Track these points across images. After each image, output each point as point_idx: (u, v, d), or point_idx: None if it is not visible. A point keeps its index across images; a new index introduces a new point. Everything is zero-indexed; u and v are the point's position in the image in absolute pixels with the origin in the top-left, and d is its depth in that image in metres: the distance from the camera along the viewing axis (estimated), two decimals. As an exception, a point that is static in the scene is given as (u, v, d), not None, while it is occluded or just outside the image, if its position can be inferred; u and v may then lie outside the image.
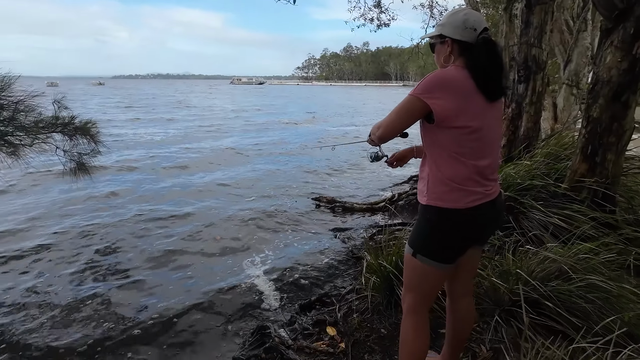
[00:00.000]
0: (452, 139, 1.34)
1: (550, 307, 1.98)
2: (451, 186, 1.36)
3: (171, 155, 9.87)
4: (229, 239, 4.46)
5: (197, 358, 2.49)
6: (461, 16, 1.38)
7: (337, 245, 4.20)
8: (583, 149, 2.98)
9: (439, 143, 1.38)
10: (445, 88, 1.31)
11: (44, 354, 2.47)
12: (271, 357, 2.29)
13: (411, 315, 1.53)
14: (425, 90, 1.31)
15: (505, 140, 4.72)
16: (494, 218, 1.47)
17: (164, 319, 2.87)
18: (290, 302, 3.10)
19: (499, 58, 1.35)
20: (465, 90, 1.31)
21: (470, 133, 1.34)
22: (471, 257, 1.55)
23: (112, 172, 7.73)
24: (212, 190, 6.57)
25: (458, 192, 1.36)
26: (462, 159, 1.35)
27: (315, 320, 2.65)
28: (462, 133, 1.33)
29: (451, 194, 1.36)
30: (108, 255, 3.95)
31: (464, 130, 1.33)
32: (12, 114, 2.06)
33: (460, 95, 1.31)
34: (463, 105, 1.31)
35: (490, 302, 2.26)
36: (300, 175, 7.88)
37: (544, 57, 4.20)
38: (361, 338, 2.30)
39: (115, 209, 5.41)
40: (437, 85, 1.31)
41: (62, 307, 3.00)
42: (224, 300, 3.15)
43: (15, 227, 4.63)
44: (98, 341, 2.61)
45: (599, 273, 1.99)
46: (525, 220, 3.13)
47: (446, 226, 1.40)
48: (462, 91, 1.31)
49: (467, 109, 1.31)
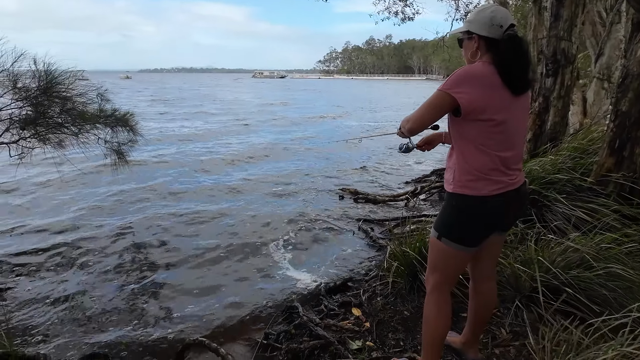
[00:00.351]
0: (478, 131, 1.44)
1: (571, 293, 2.05)
2: (477, 175, 1.46)
3: (211, 149, 9.96)
4: (259, 225, 4.69)
5: (232, 332, 2.69)
6: (488, 13, 1.45)
7: (360, 234, 4.33)
8: (610, 143, 2.98)
9: (466, 135, 1.47)
10: (472, 83, 1.40)
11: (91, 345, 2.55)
12: (300, 332, 2.46)
13: (435, 293, 1.65)
14: (453, 85, 1.41)
15: (531, 135, 4.70)
16: (518, 206, 1.57)
17: (201, 300, 3.10)
18: (315, 286, 3.26)
19: (525, 53, 1.43)
20: (492, 84, 1.40)
21: (495, 126, 1.43)
22: (494, 243, 1.65)
23: (152, 166, 7.87)
24: (247, 185, 6.75)
25: (483, 181, 1.46)
26: (488, 151, 1.45)
27: (340, 302, 2.81)
28: (488, 126, 1.43)
29: (477, 182, 1.46)
30: (150, 248, 4.11)
31: (490, 123, 1.42)
32: (72, 106, 2.28)
33: (487, 90, 1.40)
34: (489, 99, 1.40)
35: (512, 289, 2.35)
36: (327, 167, 8.07)
37: (573, 50, 4.16)
38: (385, 318, 2.43)
39: (154, 202, 5.65)
40: (465, 80, 1.41)
41: (106, 299, 3.09)
42: (253, 284, 3.35)
43: (50, 222, 4.81)
44: (140, 318, 2.86)
45: (621, 262, 2.04)
46: (549, 213, 3.16)
47: (471, 212, 1.51)
48: (488, 85, 1.40)
49: (493, 103, 1.40)
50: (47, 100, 2.13)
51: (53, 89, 2.12)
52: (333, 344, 2.20)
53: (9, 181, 6.25)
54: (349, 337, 2.29)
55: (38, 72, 2.11)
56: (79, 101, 2.32)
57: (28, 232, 4.44)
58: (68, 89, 2.23)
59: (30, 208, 5.33)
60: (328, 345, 2.21)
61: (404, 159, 8.59)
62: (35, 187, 6.30)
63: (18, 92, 2.08)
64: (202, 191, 6.36)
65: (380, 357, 2.01)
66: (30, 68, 2.07)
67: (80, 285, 3.30)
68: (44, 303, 3.01)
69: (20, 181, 6.40)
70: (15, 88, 2.08)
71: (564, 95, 4.33)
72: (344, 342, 2.23)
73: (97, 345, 2.50)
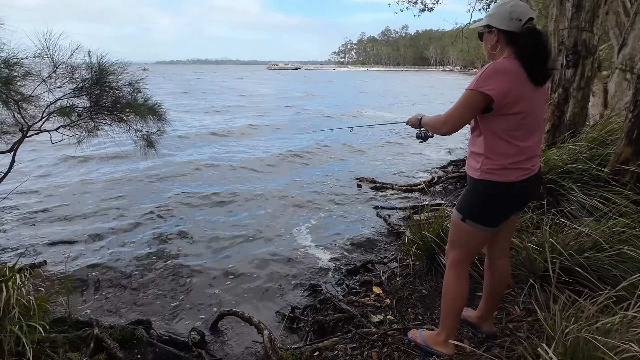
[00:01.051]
0: (505, 124, 1.54)
1: (582, 274, 2.17)
2: (504, 164, 1.58)
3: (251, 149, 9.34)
4: (291, 206, 5.00)
5: (262, 306, 2.91)
6: (508, 8, 1.55)
7: (379, 221, 4.49)
8: (628, 133, 3.04)
9: (493, 129, 1.57)
10: (501, 78, 1.50)
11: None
12: (325, 307, 2.66)
13: (454, 267, 1.80)
14: (483, 83, 1.50)
15: (550, 126, 4.73)
16: (536, 188, 1.71)
17: (232, 277, 3.35)
18: (337, 268, 3.45)
19: (544, 45, 1.53)
20: (518, 78, 1.51)
21: (523, 118, 1.53)
22: (510, 222, 1.79)
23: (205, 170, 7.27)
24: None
25: (510, 169, 1.58)
26: (513, 142, 1.56)
27: (361, 281, 2.99)
28: (516, 119, 1.53)
29: (504, 170, 1.58)
30: (187, 231, 4.33)
31: (518, 116, 1.52)
32: (117, 96, 2.50)
33: (514, 83, 1.50)
34: (517, 91, 1.50)
35: (526, 271, 2.48)
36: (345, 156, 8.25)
37: (594, 41, 4.17)
38: (404, 296, 2.60)
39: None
40: (494, 75, 1.50)
41: (145, 274, 3.37)
42: (279, 265, 3.56)
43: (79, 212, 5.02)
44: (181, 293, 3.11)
45: (632, 245, 2.14)
46: (565, 201, 3.25)
47: (498, 197, 1.63)
48: (515, 79, 1.50)
49: (521, 95, 1.50)
50: (99, 90, 2.35)
51: (104, 80, 2.33)
52: (356, 316, 2.38)
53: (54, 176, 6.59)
54: (370, 311, 2.47)
55: (91, 64, 2.33)
56: (127, 90, 2.54)
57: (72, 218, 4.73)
58: (118, 79, 2.45)
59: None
60: (351, 317, 2.39)
61: (421, 148, 8.66)
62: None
63: (75, 82, 2.31)
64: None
65: (401, 329, 2.17)
66: (84, 60, 2.30)
67: (122, 261, 3.58)
68: (83, 276, 3.29)
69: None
70: (73, 79, 2.31)
71: (584, 86, 4.35)
72: (366, 316, 2.41)
73: (141, 313, 2.75)
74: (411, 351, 1.97)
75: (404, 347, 2.00)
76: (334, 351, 2.06)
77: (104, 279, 3.26)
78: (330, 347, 2.09)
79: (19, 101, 2.51)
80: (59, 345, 2.11)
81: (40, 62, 2.48)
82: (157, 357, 2.19)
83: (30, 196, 5.38)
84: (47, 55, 2.35)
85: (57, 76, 2.53)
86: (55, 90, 2.62)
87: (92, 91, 2.37)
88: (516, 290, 2.44)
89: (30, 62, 2.54)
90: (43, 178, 6.42)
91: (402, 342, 2.04)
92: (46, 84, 2.50)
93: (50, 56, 2.36)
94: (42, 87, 2.56)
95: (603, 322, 1.40)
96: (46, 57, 2.38)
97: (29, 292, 2.10)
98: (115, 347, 2.15)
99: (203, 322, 2.68)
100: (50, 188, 5.84)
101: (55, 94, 2.61)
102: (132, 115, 2.66)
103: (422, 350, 1.95)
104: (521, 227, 3.01)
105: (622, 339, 1.29)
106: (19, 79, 2.48)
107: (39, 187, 5.80)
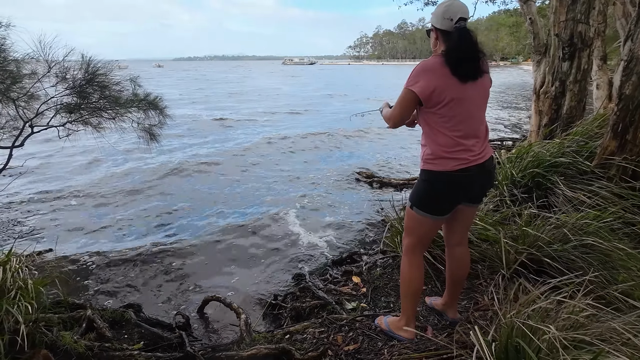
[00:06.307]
0: (437, 117, 1.65)
1: (551, 265, 2.21)
2: (440, 154, 1.67)
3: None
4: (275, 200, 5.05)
5: (247, 293, 3.05)
6: (442, 7, 1.64)
7: (372, 214, 4.57)
8: (614, 127, 3.02)
9: (428, 121, 1.70)
10: (427, 75, 1.61)
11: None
12: (304, 295, 2.77)
13: (408, 254, 1.89)
14: (412, 81, 1.63)
15: (547, 119, 4.70)
16: (484, 179, 1.75)
17: (228, 265, 3.51)
18: (324, 258, 3.55)
19: (473, 44, 1.60)
20: (442, 74, 1.59)
21: (451, 111, 1.62)
22: (463, 213, 1.85)
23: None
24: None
25: (446, 159, 1.67)
26: (447, 133, 1.65)
27: (343, 271, 3.08)
28: (444, 112, 1.62)
29: (440, 159, 1.67)
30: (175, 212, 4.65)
31: (445, 109, 1.61)
32: (110, 93, 2.66)
33: (437, 79, 1.59)
34: (442, 88, 1.59)
35: (500, 262, 2.52)
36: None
37: (590, 33, 4.11)
38: (380, 285, 2.69)
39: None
40: (419, 74, 1.63)
41: (136, 262, 3.62)
42: (267, 252, 3.70)
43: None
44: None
45: (597, 236, 2.17)
46: (552, 195, 3.26)
47: (437, 186, 1.72)
48: (440, 76, 1.59)
49: (447, 91, 1.59)
50: (90, 88, 2.52)
51: (95, 79, 2.50)
52: (330, 303, 2.49)
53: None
54: (346, 299, 2.58)
55: (84, 64, 2.50)
56: (115, 89, 2.69)
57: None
58: (107, 78, 2.60)
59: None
60: (326, 304, 2.50)
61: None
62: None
63: (67, 82, 2.48)
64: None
65: (369, 315, 2.27)
66: (77, 60, 2.47)
67: (115, 250, 3.79)
68: (84, 263, 3.51)
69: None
70: (64, 79, 2.48)
71: (581, 79, 4.30)
72: (340, 303, 2.51)
73: (132, 298, 2.93)
74: (375, 336, 2.06)
75: (369, 332, 2.09)
76: (304, 334, 2.17)
77: (101, 264, 3.47)
78: (301, 331, 2.20)
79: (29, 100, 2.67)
80: (53, 324, 2.30)
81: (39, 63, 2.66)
82: (142, 336, 2.35)
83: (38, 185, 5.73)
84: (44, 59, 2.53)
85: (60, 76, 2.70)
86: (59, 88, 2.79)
87: (83, 90, 2.53)
88: (488, 282, 2.49)
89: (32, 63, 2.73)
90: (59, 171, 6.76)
91: (368, 328, 2.13)
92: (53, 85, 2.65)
93: (46, 59, 2.54)
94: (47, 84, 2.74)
95: (534, 308, 1.46)
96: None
97: (26, 276, 2.29)
98: (105, 327, 2.32)
99: (190, 306, 2.84)
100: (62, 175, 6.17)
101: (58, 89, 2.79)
102: (121, 110, 2.81)
103: (386, 335, 2.04)
104: (504, 220, 3.05)
105: (548, 323, 1.36)
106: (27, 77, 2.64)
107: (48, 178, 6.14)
